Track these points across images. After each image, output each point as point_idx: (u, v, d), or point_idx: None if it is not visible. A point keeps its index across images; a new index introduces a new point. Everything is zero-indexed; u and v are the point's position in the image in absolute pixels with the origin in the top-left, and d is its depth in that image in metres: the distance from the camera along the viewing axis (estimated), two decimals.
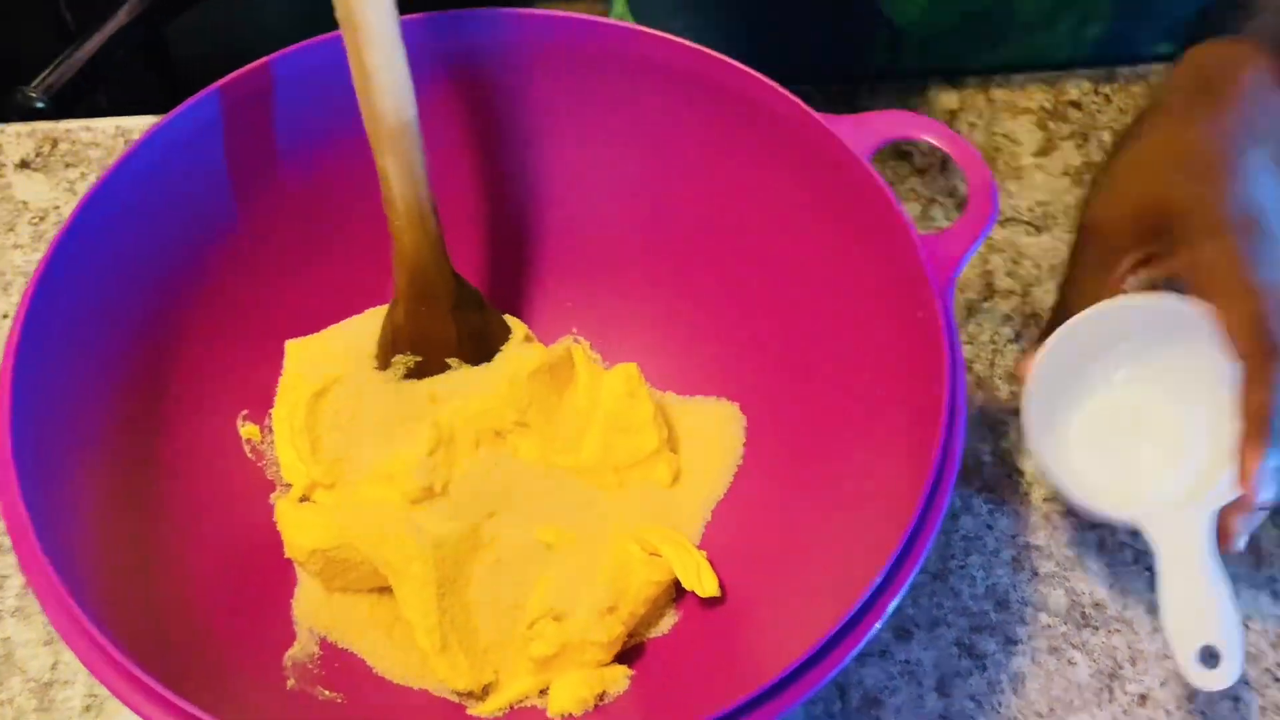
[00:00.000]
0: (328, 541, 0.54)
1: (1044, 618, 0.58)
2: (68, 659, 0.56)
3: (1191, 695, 0.56)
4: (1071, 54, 0.75)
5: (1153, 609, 0.58)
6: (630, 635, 0.55)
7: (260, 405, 0.59)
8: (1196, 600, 0.52)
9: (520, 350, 0.60)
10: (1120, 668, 0.57)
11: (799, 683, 0.44)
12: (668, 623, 0.56)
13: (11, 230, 0.69)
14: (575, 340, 0.63)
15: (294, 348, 0.59)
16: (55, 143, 0.72)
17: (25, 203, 0.70)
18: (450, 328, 0.58)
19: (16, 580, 0.58)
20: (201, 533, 0.54)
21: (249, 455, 0.58)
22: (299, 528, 0.55)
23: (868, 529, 0.49)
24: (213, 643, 0.51)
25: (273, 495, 0.58)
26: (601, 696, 0.53)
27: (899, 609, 0.57)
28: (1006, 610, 0.58)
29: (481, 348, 0.59)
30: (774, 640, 0.51)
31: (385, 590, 0.55)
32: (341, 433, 0.57)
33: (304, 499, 0.57)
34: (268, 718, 0.50)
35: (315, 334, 0.59)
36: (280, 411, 0.58)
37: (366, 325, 0.59)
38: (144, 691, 0.43)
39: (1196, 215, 0.53)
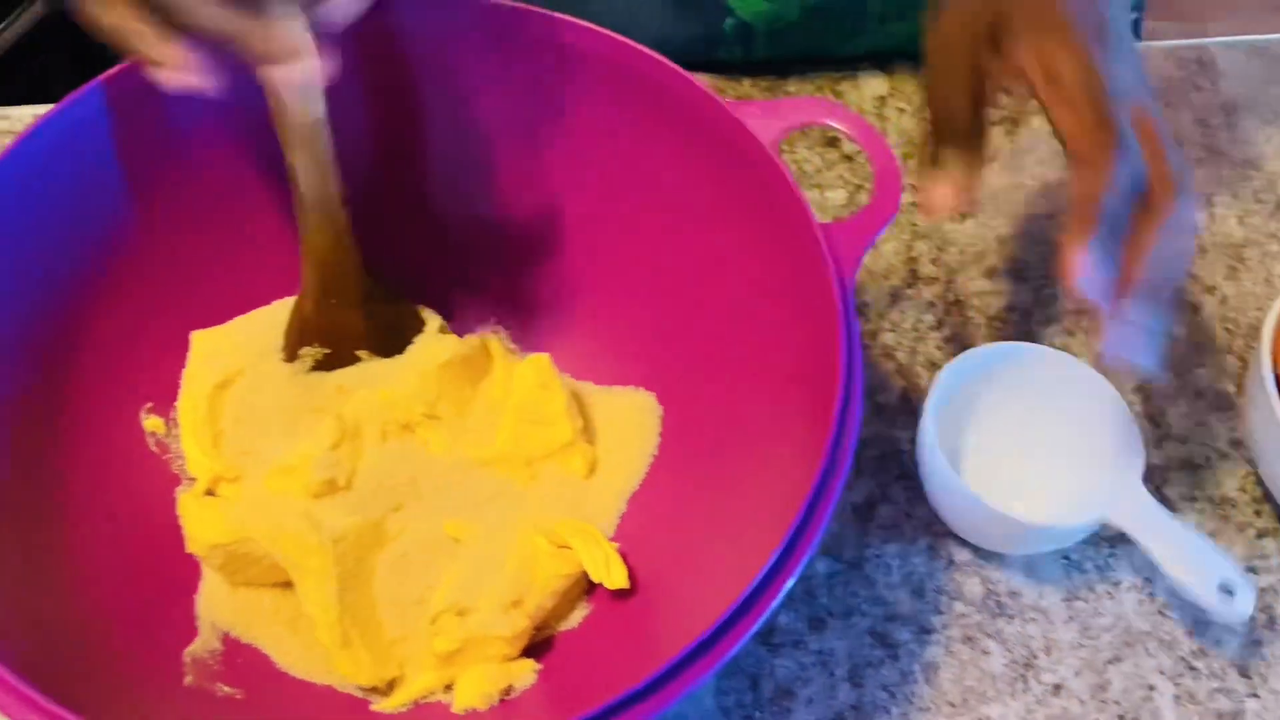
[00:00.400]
0: (228, 536, 0.53)
1: (959, 606, 0.57)
2: None
3: (1105, 684, 0.56)
4: None
5: (1069, 597, 0.58)
6: (539, 629, 0.54)
7: (166, 398, 0.58)
8: (1187, 552, 0.55)
9: (433, 342, 0.59)
10: (1035, 657, 0.56)
11: (690, 669, 0.44)
12: (578, 615, 0.55)
13: None
14: (494, 331, 0.63)
15: (199, 339, 0.58)
16: None
17: None
18: (359, 320, 0.58)
19: None
20: (101, 529, 0.53)
21: (153, 449, 0.58)
22: (200, 522, 0.54)
23: (767, 517, 0.48)
24: (108, 642, 0.50)
25: (178, 489, 0.57)
26: (508, 691, 0.52)
27: (811, 598, 0.57)
28: (922, 599, 0.58)
29: (393, 340, 0.59)
30: (679, 630, 0.51)
31: (289, 585, 0.54)
32: (245, 425, 0.56)
33: (209, 493, 0.56)
34: (161, 716, 0.49)
35: (221, 325, 0.58)
36: (185, 404, 0.57)
37: (273, 317, 0.58)
38: (26, 703, 0.42)
39: (1038, 9, 0.50)
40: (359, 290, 0.57)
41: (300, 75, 0.49)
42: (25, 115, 0.71)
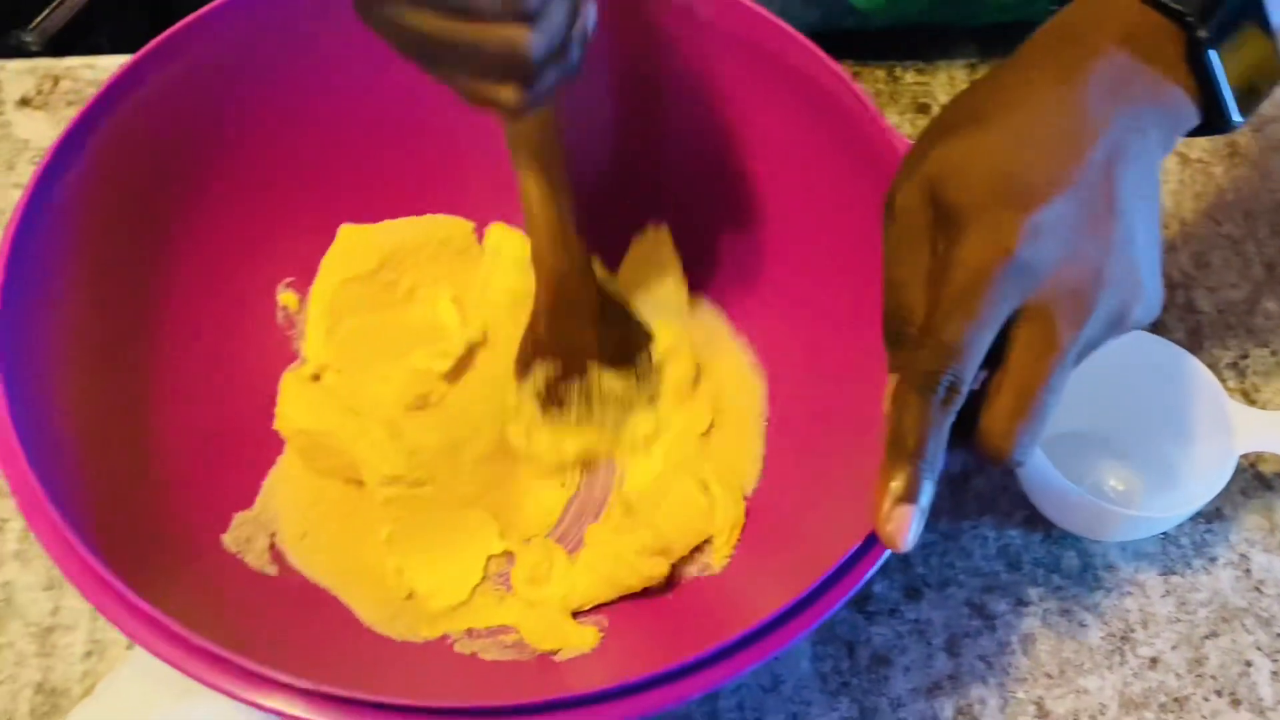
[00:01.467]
0: (315, 424, 0.55)
1: (1056, 579, 0.57)
2: (69, 604, 0.55)
3: (1202, 659, 0.55)
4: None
5: (1165, 572, 0.58)
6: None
7: (307, 279, 0.60)
8: None
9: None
10: (1132, 630, 0.56)
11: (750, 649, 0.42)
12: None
13: (11, 169, 0.67)
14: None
15: (347, 232, 0.59)
16: (57, 80, 0.70)
17: (26, 141, 0.68)
18: (592, 339, 0.56)
19: (18, 523, 0.57)
20: (200, 384, 0.55)
21: (280, 322, 0.59)
22: (295, 403, 0.56)
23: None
24: (168, 494, 0.52)
25: (290, 366, 0.59)
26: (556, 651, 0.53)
27: (907, 567, 0.57)
28: (1018, 571, 0.57)
29: (621, 354, 0.57)
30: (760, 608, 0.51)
31: (359, 482, 0.56)
32: (361, 322, 0.58)
33: (315, 377, 0.58)
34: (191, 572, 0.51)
35: (371, 224, 0.60)
36: (318, 287, 0.59)
37: (418, 228, 0.60)
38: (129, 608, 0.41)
39: (995, 196, 0.42)
40: (593, 314, 0.56)
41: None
42: (110, 65, 0.71)
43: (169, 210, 0.55)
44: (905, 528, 0.42)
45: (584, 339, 0.56)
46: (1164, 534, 0.58)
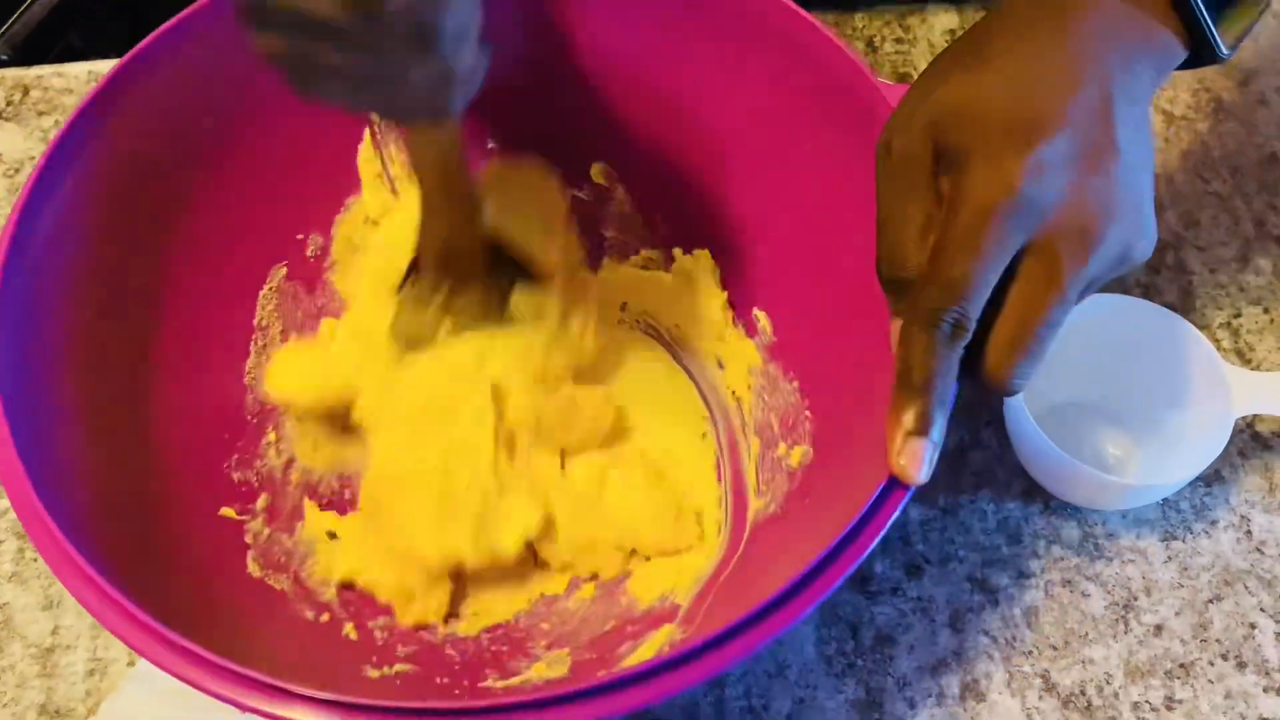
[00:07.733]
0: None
1: (1057, 550, 0.57)
2: (68, 623, 0.55)
3: (1206, 624, 0.55)
4: None
5: (1166, 538, 0.57)
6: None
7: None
8: None
9: None
10: (1135, 598, 0.56)
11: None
12: None
13: None
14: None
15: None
16: (26, 90, 0.69)
17: None
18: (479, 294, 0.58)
19: (11, 545, 0.57)
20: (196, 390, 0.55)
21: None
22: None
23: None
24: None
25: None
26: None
27: (907, 545, 0.57)
28: (1019, 544, 0.57)
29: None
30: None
31: None
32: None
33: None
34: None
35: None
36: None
37: None
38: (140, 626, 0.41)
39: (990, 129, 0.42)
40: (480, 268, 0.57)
41: None
42: (80, 72, 0.70)
43: (162, 213, 0.55)
44: (919, 460, 0.43)
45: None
46: (1164, 499, 0.58)
